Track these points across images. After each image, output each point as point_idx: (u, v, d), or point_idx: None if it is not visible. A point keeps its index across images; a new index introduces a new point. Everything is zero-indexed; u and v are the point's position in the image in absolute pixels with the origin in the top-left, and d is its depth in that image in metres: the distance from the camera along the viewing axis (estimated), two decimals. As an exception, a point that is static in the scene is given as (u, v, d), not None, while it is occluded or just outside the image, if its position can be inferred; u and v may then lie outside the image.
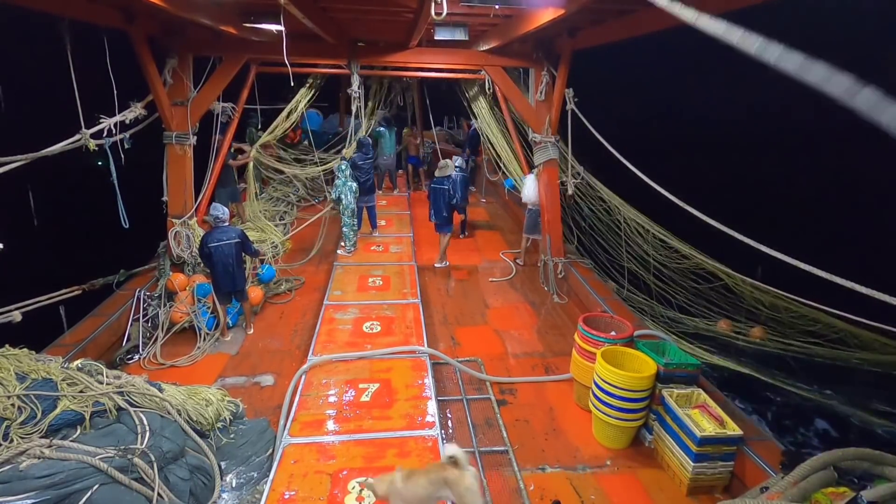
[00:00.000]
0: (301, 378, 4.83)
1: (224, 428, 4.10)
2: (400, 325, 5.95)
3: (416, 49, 7.14)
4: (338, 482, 3.61)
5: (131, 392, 3.66)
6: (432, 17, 3.63)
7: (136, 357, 5.47)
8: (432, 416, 4.35)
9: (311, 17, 4.74)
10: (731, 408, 4.19)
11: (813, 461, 2.98)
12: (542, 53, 7.03)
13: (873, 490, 2.72)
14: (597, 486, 3.90)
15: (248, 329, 6.14)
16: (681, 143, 16.54)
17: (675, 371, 4.16)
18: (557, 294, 7.23)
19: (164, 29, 6.13)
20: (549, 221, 7.43)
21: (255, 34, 6.25)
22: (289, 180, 11.21)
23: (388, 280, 7.25)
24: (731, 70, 10.26)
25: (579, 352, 4.72)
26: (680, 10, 1.62)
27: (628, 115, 14.43)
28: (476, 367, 5.43)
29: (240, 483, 3.80)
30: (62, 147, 4.95)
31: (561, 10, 4.22)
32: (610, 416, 4.17)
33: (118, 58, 5.29)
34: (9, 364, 3.47)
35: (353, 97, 7.56)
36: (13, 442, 3.08)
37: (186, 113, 6.51)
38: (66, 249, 10.00)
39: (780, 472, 3.36)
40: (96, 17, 4.85)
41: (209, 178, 7.50)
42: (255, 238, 7.45)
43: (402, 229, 9.47)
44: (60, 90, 4.80)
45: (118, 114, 5.56)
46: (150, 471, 3.21)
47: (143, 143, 5.98)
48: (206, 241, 5.70)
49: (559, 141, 7.20)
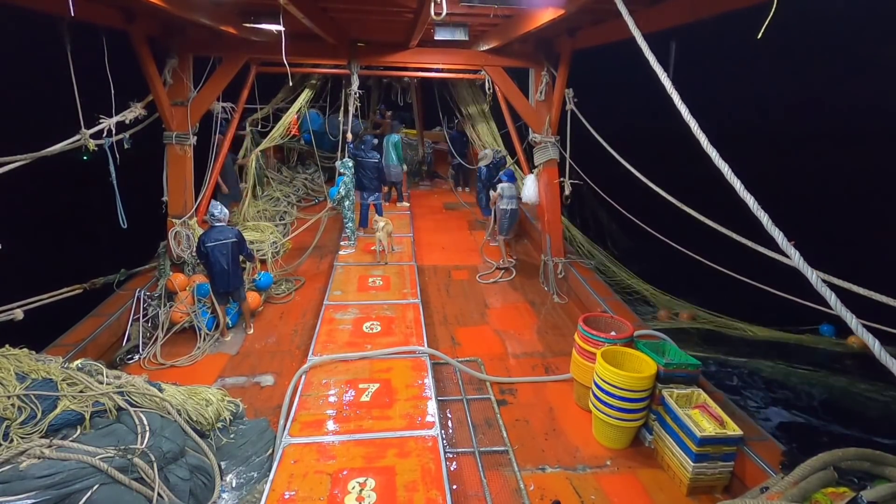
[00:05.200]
0: (301, 378, 4.83)
1: (224, 428, 4.10)
2: (400, 325, 5.95)
3: (416, 49, 7.14)
4: (338, 482, 3.61)
5: (131, 392, 3.66)
6: (432, 17, 3.63)
7: (136, 357, 5.47)
8: (432, 416, 4.35)
9: (311, 17, 4.74)
10: (732, 408, 4.19)
11: (813, 461, 2.97)
12: (543, 53, 7.03)
13: (873, 490, 2.72)
14: (597, 486, 3.89)
15: (248, 329, 6.14)
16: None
17: (675, 371, 4.16)
18: (557, 294, 7.23)
19: (164, 29, 6.13)
20: (549, 221, 7.43)
21: (255, 34, 6.25)
22: (289, 180, 11.24)
23: (388, 280, 7.25)
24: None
25: (579, 352, 4.72)
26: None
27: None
28: (476, 367, 5.43)
29: (240, 483, 3.80)
30: (62, 147, 4.95)
31: (561, 10, 4.22)
32: (610, 416, 4.17)
33: (118, 58, 5.30)
34: (9, 364, 3.47)
35: (353, 97, 7.56)
36: (13, 442, 3.08)
37: (186, 113, 6.51)
38: (66, 249, 10.00)
39: (780, 472, 3.37)
40: (96, 17, 4.85)
41: (209, 178, 7.51)
42: (254, 238, 7.43)
43: (402, 229, 9.47)
44: (60, 90, 4.81)
45: (118, 114, 5.56)
46: (150, 471, 3.21)
47: (143, 143, 6.00)
48: (203, 240, 5.70)
49: (559, 141, 7.21)
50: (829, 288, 1.75)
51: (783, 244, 1.87)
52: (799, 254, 1.84)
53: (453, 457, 4.16)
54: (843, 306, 1.74)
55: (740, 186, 1.97)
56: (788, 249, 1.85)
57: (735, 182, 1.98)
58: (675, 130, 2.42)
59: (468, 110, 12.09)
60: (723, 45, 11.99)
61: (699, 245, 5.83)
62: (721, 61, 15.45)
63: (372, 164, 8.60)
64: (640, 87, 4.85)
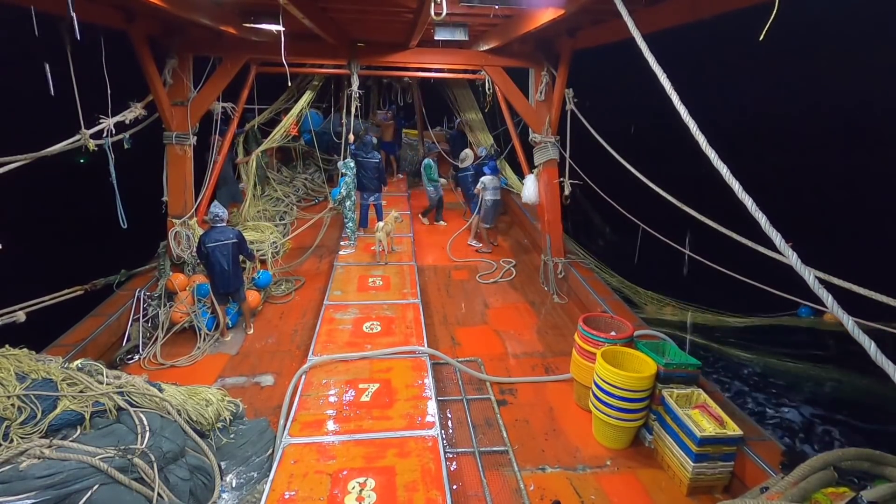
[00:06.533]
0: (301, 378, 4.83)
1: (224, 428, 4.10)
2: (400, 326, 5.95)
3: (416, 49, 7.14)
4: (338, 482, 3.61)
5: (131, 392, 3.66)
6: (432, 17, 3.63)
7: (136, 357, 5.47)
8: (432, 416, 4.35)
9: (310, 17, 4.74)
10: (732, 408, 4.20)
11: (813, 461, 2.97)
12: (543, 53, 7.03)
13: (873, 490, 2.72)
14: (597, 486, 3.90)
15: (248, 329, 6.14)
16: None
17: (675, 371, 4.16)
18: (557, 294, 7.23)
19: (164, 29, 6.13)
20: (549, 221, 7.43)
21: (255, 34, 6.25)
22: (289, 180, 11.24)
23: (388, 280, 7.25)
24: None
25: (579, 352, 4.72)
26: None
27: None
28: (476, 367, 5.43)
29: (240, 483, 3.80)
30: (62, 147, 4.95)
31: (561, 10, 4.22)
32: (610, 416, 4.17)
33: (118, 58, 5.29)
34: (9, 364, 3.47)
35: (353, 97, 7.56)
36: (13, 442, 3.09)
37: (186, 113, 6.51)
38: (65, 249, 10.00)
39: (780, 472, 3.37)
40: (96, 17, 4.85)
41: (209, 178, 7.51)
42: (254, 238, 7.44)
43: (402, 229, 9.46)
44: (60, 90, 4.80)
45: (118, 114, 5.56)
46: (150, 471, 3.21)
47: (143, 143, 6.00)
48: (203, 240, 5.70)
49: (559, 141, 7.21)
50: (826, 289, 1.75)
51: (780, 245, 1.87)
52: (796, 255, 1.84)
53: (453, 457, 4.16)
54: (839, 307, 1.76)
55: (738, 188, 1.98)
56: (786, 250, 1.86)
57: (733, 183, 1.98)
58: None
59: (467, 116, 12.16)
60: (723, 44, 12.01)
61: (696, 245, 5.87)
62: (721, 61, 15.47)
63: (372, 165, 8.60)
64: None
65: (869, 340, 1.66)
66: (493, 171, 8.74)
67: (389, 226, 7.95)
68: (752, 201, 1.94)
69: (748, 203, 1.95)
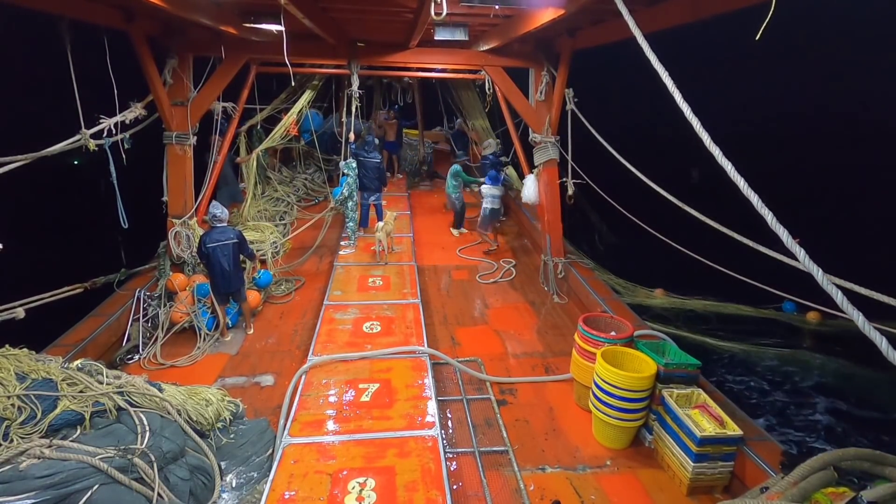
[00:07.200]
0: (301, 378, 4.83)
1: (224, 428, 4.10)
2: (400, 326, 5.95)
3: (416, 49, 7.14)
4: (338, 482, 3.61)
5: (131, 392, 3.65)
6: (432, 17, 3.63)
7: (136, 357, 5.47)
8: (432, 416, 4.35)
9: (311, 17, 4.74)
10: (732, 408, 4.20)
11: (813, 461, 2.97)
12: (543, 53, 7.03)
13: (873, 490, 2.72)
14: (597, 486, 3.90)
15: (248, 329, 6.14)
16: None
17: (675, 371, 4.16)
18: (557, 294, 7.23)
19: (164, 29, 6.13)
20: (549, 221, 7.43)
21: (255, 34, 6.25)
22: (289, 180, 11.23)
23: (388, 280, 7.25)
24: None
25: (579, 352, 4.72)
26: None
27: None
28: (476, 367, 5.43)
29: (240, 483, 3.80)
30: (62, 147, 4.95)
31: (561, 10, 4.22)
32: (610, 416, 4.17)
33: (118, 58, 5.29)
34: (9, 364, 3.47)
35: (354, 97, 7.56)
36: (13, 442, 3.09)
37: (186, 113, 6.51)
38: (65, 249, 10.00)
39: (780, 472, 3.36)
40: (96, 17, 4.85)
41: (209, 178, 7.50)
42: (254, 238, 7.43)
43: (403, 229, 9.46)
44: (60, 90, 4.80)
45: (118, 114, 5.56)
46: (150, 471, 3.21)
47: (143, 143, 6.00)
48: (204, 240, 5.70)
49: (559, 141, 7.21)
50: (836, 287, 1.75)
51: (788, 242, 1.86)
52: (805, 252, 1.83)
53: (453, 457, 4.16)
54: (851, 305, 1.74)
55: (744, 185, 1.95)
56: (793, 246, 1.85)
57: (739, 180, 1.97)
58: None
59: (474, 123, 12.12)
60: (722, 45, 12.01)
61: (694, 244, 5.86)
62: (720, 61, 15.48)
63: (373, 165, 8.60)
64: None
65: (881, 337, 1.65)
66: (493, 181, 8.65)
67: (389, 225, 7.95)
68: (757, 198, 1.93)
69: (754, 200, 1.93)
